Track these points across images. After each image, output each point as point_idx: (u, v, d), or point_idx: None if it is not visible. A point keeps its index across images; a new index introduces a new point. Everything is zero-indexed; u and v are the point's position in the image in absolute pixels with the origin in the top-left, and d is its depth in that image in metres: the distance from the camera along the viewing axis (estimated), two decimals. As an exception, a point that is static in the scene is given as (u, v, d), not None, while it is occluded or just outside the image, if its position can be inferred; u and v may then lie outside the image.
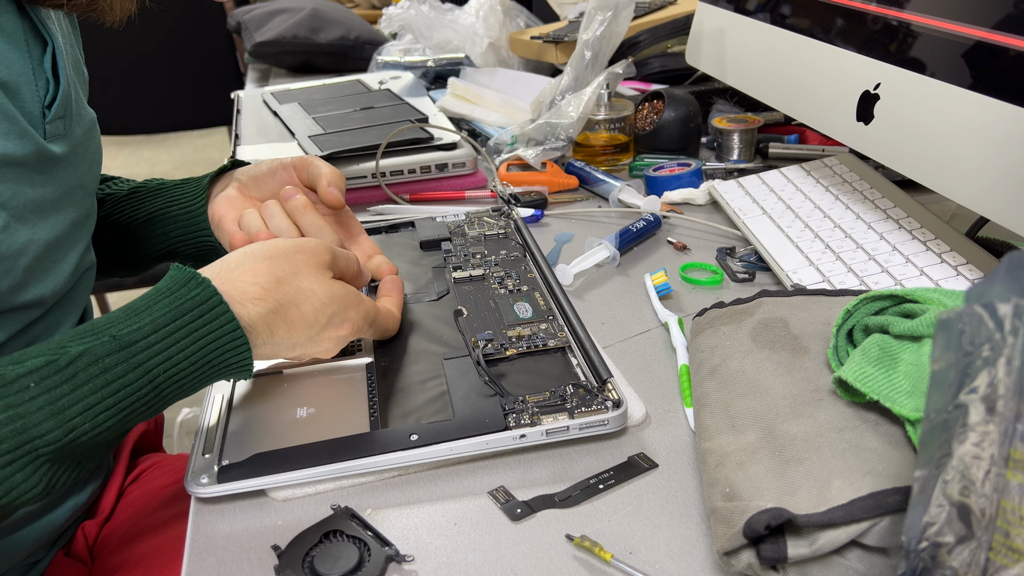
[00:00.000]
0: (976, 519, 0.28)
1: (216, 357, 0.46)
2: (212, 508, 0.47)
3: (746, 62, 0.87)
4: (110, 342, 0.43)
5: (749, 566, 0.38)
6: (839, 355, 0.46)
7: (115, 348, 0.43)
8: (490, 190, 0.89)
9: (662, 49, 1.19)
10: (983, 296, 0.29)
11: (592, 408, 0.50)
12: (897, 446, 0.40)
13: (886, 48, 0.65)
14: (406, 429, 0.49)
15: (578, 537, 0.43)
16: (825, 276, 0.63)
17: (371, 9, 2.01)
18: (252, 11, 1.64)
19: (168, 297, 0.46)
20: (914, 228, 0.66)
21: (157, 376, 0.44)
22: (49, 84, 0.54)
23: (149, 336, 0.44)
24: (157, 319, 0.45)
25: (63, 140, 0.55)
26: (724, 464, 0.43)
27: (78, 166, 0.57)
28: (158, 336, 0.44)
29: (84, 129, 0.58)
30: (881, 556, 0.37)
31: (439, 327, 0.60)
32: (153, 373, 0.44)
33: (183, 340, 0.45)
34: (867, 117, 0.66)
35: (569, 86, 0.98)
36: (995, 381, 0.28)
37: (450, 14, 1.33)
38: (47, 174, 0.53)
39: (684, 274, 0.70)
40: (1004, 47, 0.53)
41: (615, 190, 0.85)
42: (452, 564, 0.42)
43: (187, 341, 0.45)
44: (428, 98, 1.18)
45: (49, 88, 0.54)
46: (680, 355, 0.58)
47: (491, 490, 0.47)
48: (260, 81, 1.56)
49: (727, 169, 0.91)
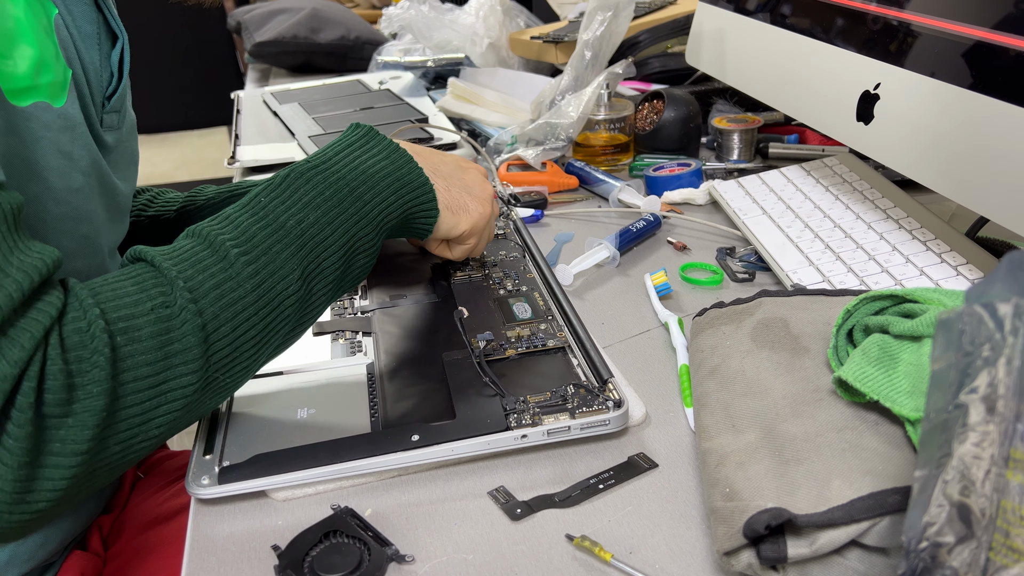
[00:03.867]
0: (976, 519, 0.28)
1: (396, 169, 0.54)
2: (212, 508, 0.47)
3: (746, 62, 0.87)
4: (305, 165, 0.51)
5: (749, 566, 0.38)
6: (839, 355, 0.46)
7: (310, 167, 0.51)
8: (490, 190, 0.89)
9: (662, 49, 1.19)
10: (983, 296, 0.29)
11: (593, 408, 0.50)
12: (897, 446, 0.40)
13: (886, 48, 0.65)
14: (407, 429, 0.49)
15: (578, 537, 0.43)
16: (825, 276, 0.63)
17: (371, 9, 2.01)
18: (252, 11, 1.64)
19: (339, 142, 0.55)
20: (914, 228, 0.66)
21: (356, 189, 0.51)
22: (112, 78, 0.57)
23: (333, 158, 0.52)
24: (334, 148, 0.54)
25: (114, 132, 0.58)
26: (724, 464, 0.43)
27: (120, 160, 0.60)
28: (340, 156, 0.53)
29: (128, 128, 0.61)
30: (881, 556, 0.37)
31: (439, 327, 0.60)
32: (352, 185, 0.51)
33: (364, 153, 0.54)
34: (867, 117, 0.66)
35: (569, 86, 0.98)
36: (995, 381, 0.28)
37: (450, 14, 1.33)
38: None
39: (684, 274, 0.70)
40: (1004, 47, 0.53)
41: (615, 190, 0.85)
42: (452, 564, 0.42)
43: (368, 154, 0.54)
44: (428, 98, 1.18)
45: (112, 82, 0.57)
46: (680, 355, 0.58)
47: (491, 490, 0.47)
48: (260, 81, 1.56)
49: (727, 169, 0.91)
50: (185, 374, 0.42)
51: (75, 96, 0.51)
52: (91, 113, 0.54)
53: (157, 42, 3.75)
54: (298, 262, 0.47)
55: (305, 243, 0.48)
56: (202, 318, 0.43)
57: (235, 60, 3.69)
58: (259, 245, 0.46)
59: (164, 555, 0.63)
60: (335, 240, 0.49)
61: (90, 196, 0.54)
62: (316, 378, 0.56)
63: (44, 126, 0.48)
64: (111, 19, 0.57)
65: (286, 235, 0.47)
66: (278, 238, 0.47)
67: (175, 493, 0.70)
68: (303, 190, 0.49)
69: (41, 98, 0.48)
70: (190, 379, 0.42)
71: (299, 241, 0.47)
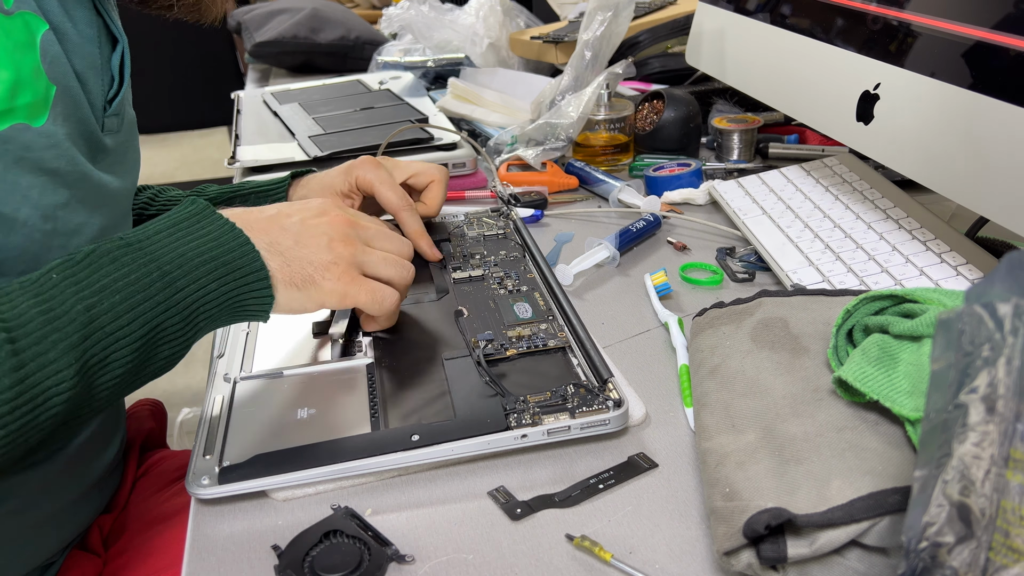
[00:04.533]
0: (976, 519, 0.28)
1: (223, 253, 0.48)
2: (212, 508, 0.47)
3: (746, 62, 0.87)
4: (118, 241, 0.46)
5: (749, 566, 0.38)
6: (839, 355, 0.46)
7: (122, 244, 0.46)
8: (490, 190, 0.89)
9: (662, 49, 1.19)
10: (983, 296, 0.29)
11: (593, 408, 0.50)
12: (897, 446, 0.40)
13: (886, 48, 0.65)
14: (407, 429, 0.49)
15: (578, 537, 0.43)
16: (825, 276, 0.63)
17: (371, 9, 2.01)
18: (252, 11, 1.64)
19: (167, 217, 0.49)
20: (914, 228, 0.66)
21: (169, 272, 0.46)
22: (113, 81, 0.57)
23: (152, 236, 0.47)
24: (158, 224, 0.48)
25: (115, 135, 0.58)
26: (724, 464, 0.43)
27: (124, 163, 0.60)
28: (162, 235, 0.47)
29: (128, 128, 0.61)
30: (881, 556, 0.37)
31: (439, 327, 0.60)
32: (165, 269, 0.46)
33: (188, 235, 0.48)
34: (867, 117, 0.66)
35: (569, 86, 0.98)
36: (995, 381, 0.28)
37: (450, 14, 1.33)
38: (98, 164, 0.56)
39: (684, 274, 0.70)
40: (1004, 47, 0.53)
41: (615, 190, 0.85)
42: (452, 564, 0.42)
43: (192, 236, 0.48)
44: (428, 98, 1.18)
45: (113, 85, 0.57)
46: (680, 355, 0.58)
47: (491, 490, 0.47)
48: (260, 81, 1.56)
49: (727, 169, 0.91)
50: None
51: (60, 111, 0.50)
52: (90, 120, 0.54)
53: (158, 42, 3.75)
54: (77, 355, 0.41)
55: (91, 333, 0.42)
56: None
57: (235, 60, 3.69)
58: (31, 333, 0.40)
59: (164, 555, 0.63)
60: (132, 331, 0.44)
61: (77, 208, 0.53)
62: (316, 378, 0.56)
63: (24, 147, 0.48)
64: (111, 23, 0.57)
65: (69, 323, 0.42)
66: (57, 326, 0.41)
67: (175, 493, 0.70)
68: (105, 270, 0.44)
69: (19, 120, 0.47)
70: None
71: (84, 331, 0.42)
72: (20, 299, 0.42)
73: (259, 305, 0.50)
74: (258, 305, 0.50)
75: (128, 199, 0.61)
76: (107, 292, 0.43)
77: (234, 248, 0.48)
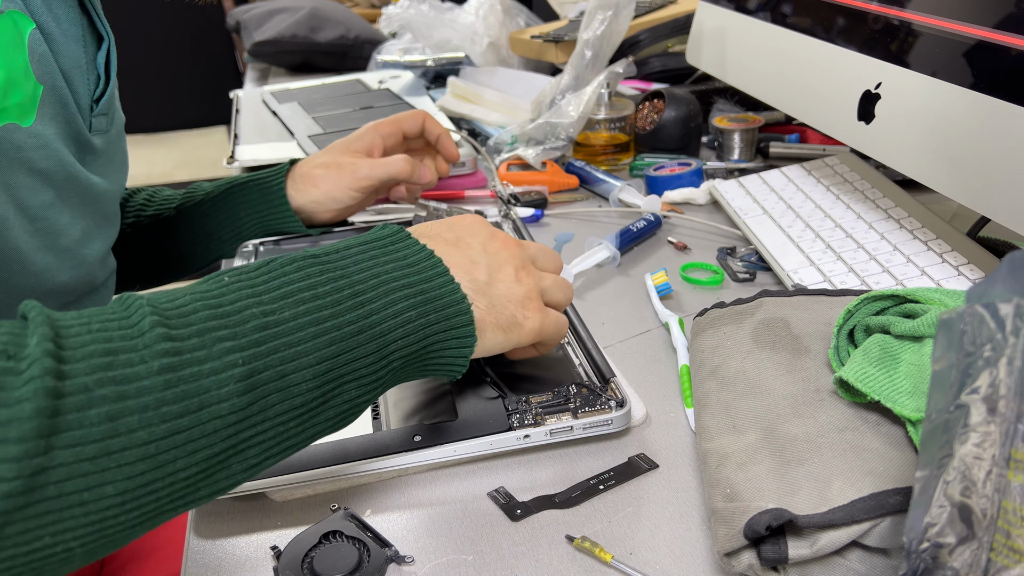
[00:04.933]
0: (977, 520, 0.28)
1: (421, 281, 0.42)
2: (212, 509, 0.47)
3: (747, 61, 0.87)
4: (300, 253, 0.40)
5: (750, 567, 0.38)
6: (840, 355, 0.46)
7: (307, 255, 0.40)
8: (490, 190, 0.89)
9: (662, 48, 1.19)
10: (984, 296, 0.29)
11: (595, 408, 0.50)
12: (898, 446, 0.40)
13: (887, 47, 0.65)
14: (409, 430, 0.49)
15: (578, 538, 0.43)
16: (826, 276, 0.63)
17: (371, 8, 2.01)
18: (251, 10, 1.64)
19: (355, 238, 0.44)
20: (915, 228, 0.66)
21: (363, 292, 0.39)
22: (100, 80, 0.56)
23: (341, 251, 0.41)
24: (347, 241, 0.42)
25: (103, 135, 0.57)
26: (725, 465, 0.43)
27: (112, 162, 0.59)
28: (352, 251, 0.41)
29: (117, 129, 0.61)
30: (882, 557, 0.37)
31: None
32: (358, 288, 0.39)
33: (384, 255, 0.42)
34: (868, 117, 0.66)
35: (569, 85, 0.98)
36: (996, 381, 0.28)
37: (450, 13, 1.33)
38: (86, 165, 0.55)
39: (684, 274, 0.70)
40: (1005, 47, 0.53)
41: (615, 190, 0.84)
42: (452, 565, 0.42)
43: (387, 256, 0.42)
44: (428, 98, 1.18)
45: (100, 84, 0.56)
46: (681, 355, 0.58)
47: (491, 491, 0.47)
48: (259, 80, 1.55)
49: (728, 169, 0.91)
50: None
51: (47, 111, 0.50)
52: (77, 120, 0.53)
53: (156, 41, 3.75)
54: (246, 359, 0.34)
55: (265, 341, 0.35)
56: (60, 382, 0.29)
57: (234, 59, 3.69)
58: (192, 324, 0.34)
59: (163, 556, 0.63)
60: (316, 348, 0.36)
61: (63, 209, 0.52)
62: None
63: (15, 147, 0.47)
64: (97, 20, 0.57)
65: (240, 323, 0.35)
66: (224, 324, 0.35)
67: None
68: (288, 278, 0.38)
69: (10, 119, 0.47)
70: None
71: (257, 336, 0.35)
72: (182, 295, 0.36)
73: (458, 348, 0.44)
74: (457, 348, 0.44)
75: (115, 201, 0.61)
76: (290, 301, 0.37)
77: (433, 277, 0.43)
